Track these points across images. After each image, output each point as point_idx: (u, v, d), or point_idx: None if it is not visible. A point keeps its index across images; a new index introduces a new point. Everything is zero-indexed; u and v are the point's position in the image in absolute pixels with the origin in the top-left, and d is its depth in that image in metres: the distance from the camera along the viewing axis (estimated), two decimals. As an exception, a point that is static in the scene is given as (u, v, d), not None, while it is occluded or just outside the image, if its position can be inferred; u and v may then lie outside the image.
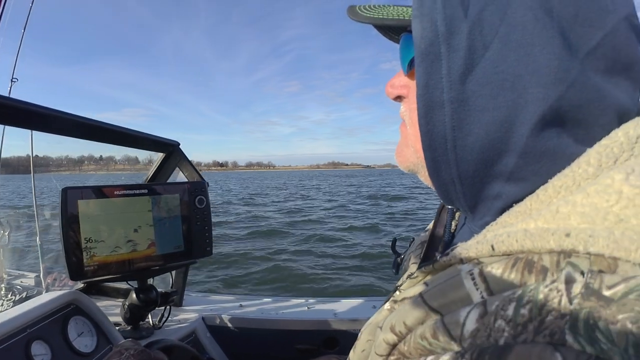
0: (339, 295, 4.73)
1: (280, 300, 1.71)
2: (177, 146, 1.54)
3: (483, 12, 0.37)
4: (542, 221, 0.34)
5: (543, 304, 0.29)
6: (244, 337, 1.52)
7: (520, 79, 0.36)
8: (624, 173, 0.31)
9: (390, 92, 0.50)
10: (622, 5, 0.38)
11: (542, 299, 0.29)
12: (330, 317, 1.50)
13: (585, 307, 0.27)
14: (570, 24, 0.36)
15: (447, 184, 0.43)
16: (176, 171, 1.58)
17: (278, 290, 5.38)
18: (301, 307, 1.62)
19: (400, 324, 0.39)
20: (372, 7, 0.50)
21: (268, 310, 1.59)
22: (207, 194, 1.31)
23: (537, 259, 0.33)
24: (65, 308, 1.09)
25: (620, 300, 0.27)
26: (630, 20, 0.38)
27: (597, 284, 0.28)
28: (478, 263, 0.37)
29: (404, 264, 0.67)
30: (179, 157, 1.56)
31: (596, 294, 0.27)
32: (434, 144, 0.41)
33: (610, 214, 0.31)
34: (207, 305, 1.64)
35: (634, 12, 0.39)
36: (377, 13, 0.48)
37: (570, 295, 0.28)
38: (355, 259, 6.89)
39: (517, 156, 0.38)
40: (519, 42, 0.36)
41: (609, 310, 0.26)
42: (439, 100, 0.39)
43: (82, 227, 1.07)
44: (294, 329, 1.50)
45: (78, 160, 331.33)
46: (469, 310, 0.33)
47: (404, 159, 0.51)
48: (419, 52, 0.40)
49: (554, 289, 0.29)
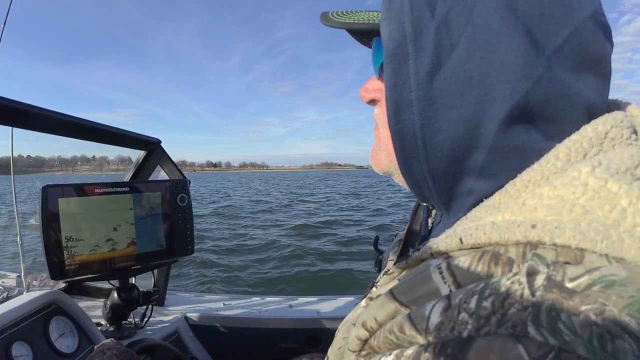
0: (321, 293, 4.77)
1: (263, 299, 1.73)
2: (158, 144, 1.55)
3: (449, 12, 0.38)
4: (509, 214, 0.35)
5: (505, 297, 0.29)
6: (227, 337, 1.53)
7: (487, 76, 0.37)
8: (591, 166, 0.32)
9: (363, 96, 0.52)
10: (588, 3, 0.39)
11: (504, 291, 0.29)
12: (313, 316, 1.52)
13: (548, 299, 0.27)
14: (536, 22, 0.37)
15: (419, 182, 0.44)
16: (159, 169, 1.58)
17: (261, 289, 5.38)
18: (284, 306, 1.64)
19: (371, 320, 0.40)
20: (344, 13, 0.52)
21: (251, 310, 1.60)
22: (188, 192, 1.32)
23: (503, 251, 0.34)
24: (46, 308, 1.09)
25: (583, 292, 0.27)
26: (597, 17, 0.39)
27: (560, 276, 0.28)
28: (447, 257, 0.38)
29: (384, 261, 0.69)
30: (160, 155, 1.56)
31: (559, 286, 0.28)
32: (404, 142, 0.42)
33: (577, 205, 0.32)
34: (189, 304, 1.65)
35: (600, 10, 0.40)
36: (349, 18, 0.50)
37: (532, 288, 0.28)
38: (339, 257, 6.93)
39: (486, 152, 0.39)
40: (484, 41, 0.37)
41: (571, 302, 0.27)
42: (408, 99, 0.40)
43: (63, 225, 1.06)
44: (277, 327, 1.51)
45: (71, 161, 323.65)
46: (434, 303, 0.33)
47: (378, 161, 0.52)
48: (387, 53, 0.41)
49: (515, 282, 0.29)
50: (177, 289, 1.87)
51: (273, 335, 1.51)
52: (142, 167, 1.57)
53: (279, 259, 6.87)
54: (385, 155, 0.49)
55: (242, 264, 6.50)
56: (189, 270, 5.98)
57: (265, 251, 7.53)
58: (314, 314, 1.54)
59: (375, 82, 0.50)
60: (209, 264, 6.46)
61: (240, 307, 1.62)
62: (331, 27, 0.50)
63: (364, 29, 0.49)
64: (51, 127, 1.15)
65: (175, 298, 1.72)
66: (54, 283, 1.37)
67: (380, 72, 0.48)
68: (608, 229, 0.30)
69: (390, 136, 0.43)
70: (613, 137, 0.37)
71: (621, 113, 0.39)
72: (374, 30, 0.47)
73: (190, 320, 1.54)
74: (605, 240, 0.30)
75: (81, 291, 1.56)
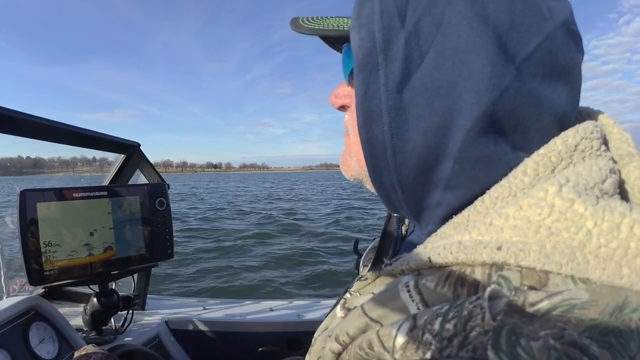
0: (302, 296, 4.78)
1: (243, 303, 1.75)
2: (137, 147, 1.56)
3: (419, 22, 0.38)
4: (476, 233, 0.36)
5: (467, 320, 0.30)
6: (208, 341, 1.55)
7: (455, 86, 0.37)
8: (557, 185, 0.33)
9: (334, 102, 0.52)
10: (559, 12, 0.39)
11: (466, 314, 0.30)
12: (294, 319, 1.55)
13: (508, 324, 0.28)
14: (505, 30, 0.37)
15: (389, 191, 0.45)
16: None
17: (241, 292, 5.39)
18: (265, 309, 1.66)
19: (343, 334, 0.41)
20: (315, 19, 0.52)
21: (232, 313, 1.62)
22: (167, 196, 1.33)
23: (469, 271, 0.35)
24: (25, 314, 1.09)
25: (543, 316, 0.28)
26: (568, 26, 0.39)
27: (521, 301, 0.29)
28: (417, 274, 0.38)
29: (361, 266, 0.70)
30: (139, 159, 1.57)
31: (519, 311, 0.29)
32: (374, 151, 0.43)
33: (542, 227, 0.32)
34: (170, 308, 1.66)
35: (571, 19, 0.40)
36: (318, 24, 0.50)
37: (493, 312, 0.29)
38: (318, 260, 6.98)
39: (453, 162, 0.39)
40: (453, 50, 0.37)
41: (531, 327, 0.28)
42: (377, 109, 0.41)
43: (42, 230, 1.06)
44: (258, 331, 1.54)
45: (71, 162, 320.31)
46: (401, 323, 0.34)
47: (348, 168, 0.52)
48: (357, 63, 0.41)
49: (477, 306, 0.30)
50: (157, 293, 1.87)
51: (254, 338, 1.53)
52: (121, 171, 1.58)
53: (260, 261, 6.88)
54: (355, 162, 0.50)
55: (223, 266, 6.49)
56: (170, 274, 5.96)
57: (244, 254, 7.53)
58: (294, 317, 1.56)
59: (345, 88, 0.51)
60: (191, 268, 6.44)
61: (221, 311, 1.64)
62: (300, 33, 0.51)
63: (334, 36, 0.50)
64: (25, 131, 1.15)
65: (156, 302, 1.73)
66: (33, 288, 1.37)
67: (350, 78, 0.48)
68: (574, 251, 0.31)
69: (361, 145, 0.44)
70: (583, 149, 0.38)
71: (592, 123, 0.39)
72: (344, 37, 0.47)
73: (171, 324, 1.55)
74: (570, 262, 0.30)
75: (61, 296, 1.56)
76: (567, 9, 0.40)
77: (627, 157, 0.39)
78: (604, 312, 0.28)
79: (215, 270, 6.33)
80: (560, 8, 0.39)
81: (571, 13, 0.40)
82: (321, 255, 7.28)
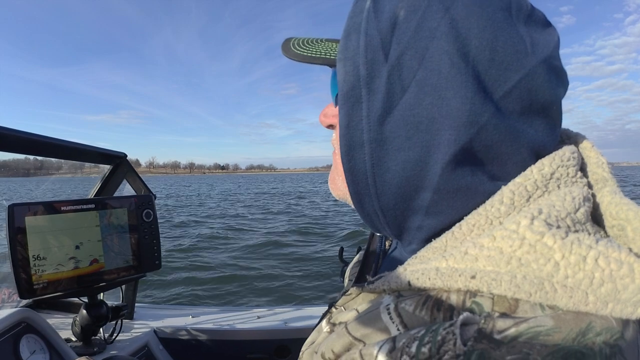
0: (289, 304, 4.80)
1: (231, 311, 1.78)
2: (124, 158, 1.58)
3: (402, 56, 0.39)
4: (452, 261, 0.38)
5: (440, 345, 0.32)
6: (197, 349, 1.58)
7: (434, 122, 0.39)
8: (529, 218, 0.35)
9: (322, 121, 0.54)
10: (543, 46, 0.40)
11: (440, 339, 0.32)
12: (281, 327, 1.59)
13: (477, 349, 0.31)
14: (485, 67, 0.38)
15: (371, 215, 0.47)
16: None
17: (229, 301, 5.42)
18: (252, 317, 1.70)
19: (329, 351, 0.42)
20: (306, 43, 0.54)
21: (219, 321, 1.66)
22: (154, 207, 1.36)
23: (445, 297, 0.37)
24: (16, 327, 1.11)
25: (509, 342, 0.30)
26: (550, 62, 0.40)
27: (490, 328, 0.32)
28: (398, 296, 0.41)
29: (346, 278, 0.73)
30: (126, 169, 1.60)
31: (488, 337, 0.31)
32: (356, 179, 0.44)
33: (514, 258, 0.34)
34: (158, 318, 1.69)
35: (554, 54, 0.41)
36: (308, 50, 0.52)
37: (464, 338, 0.31)
38: (305, 267, 7.02)
39: (432, 192, 0.41)
40: (434, 86, 0.38)
41: (498, 352, 0.30)
42: (359, 140, 0.42)
43: (30, 244, 1.09)
44: (246, 339, 1.57)
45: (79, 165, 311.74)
46: (381, 344, 0.35)
47: (335, 187, 0.54)
48: (341, 95, 0.43)
49: (450, 332, 0.32)
50: (146, 303, 1.90)
51: (242, 346, 1.57)
52: (108, 182, 1.60)
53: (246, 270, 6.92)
54: (341, 181, 0.50)
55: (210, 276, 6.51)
56: (158, 284, 5.96)
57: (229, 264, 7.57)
58: (281, 324, 1.60)
59: (333, 109, 0.52)
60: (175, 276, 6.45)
61: (209, 320, 1.68)
62: (291, 59, 0.53)
63: (321, 64, 0.51)
64: (8, 146, 1.16)
65: (144, 312, 1.75)
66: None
67: (336, 102, 0.49)
68: (542, 281, 0.33)
69: (344, 173, 0.46)
70: (559, 177, 0.40)
71: (569, 149, 0.41)
72: (331, 64, 0.49)
73: (160, 333, 1.58)
74: (539, 291, 0.33)
75: (50, 306, 1.58)
76: (552, 42, 0.41)
77: (602, 182, 0.41)
78: (567, 338, 0.31)
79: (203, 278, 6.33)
80: (545, 41, 0.40)
81: (556, 46, 0.42)
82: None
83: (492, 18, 0.38)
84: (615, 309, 0.32)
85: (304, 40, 0.55)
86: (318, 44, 0.53)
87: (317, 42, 0.54)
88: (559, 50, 0.42)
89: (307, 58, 0.51)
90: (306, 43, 0.54)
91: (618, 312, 0.32)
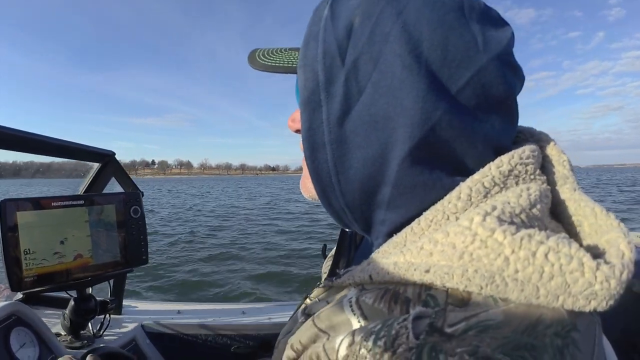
0: (273, 299, 4.84)
1: (217, 306, 1.85)
2: (112, 156, 1.62)
3: (358, 60, 0.42)
4: (409, 255, 0.39)
5: (394, 338, 0.33)
6: (183, 343, 1.63)
7: (390, 120, 0.41)
8: (482, 215, 0.36)
9: (291, 126, 0.56)
10: (496, 43, 0.42)
11: (394, 333, 0.34)
12: (266, 322, 1.65)
13: (429, 342, 0.32)
14: (438, 66, 0.40)
15: (338, 212, 0.49)
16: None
17: (215, 296, 5.48)
18: (237, 312, 1.76)
19: (297, 342, 0.44)
20: (269, 54, 0.57)
21: (205, 316, 1.71)
22: (141, 204, 1.41)
23: (402, 290, 0.39)
24: (6, 319, 1.15)
25: (460, 336, 0.32)
26: (503, 58, 0.42)
27: (441, 322, 0.33)
28: (361, 289, 0.43)
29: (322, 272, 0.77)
30: (114, 167, 1.64)
31: (439, 331, 0.33)
32: (320, 178, 0.47)
33: (466, 253, 0.35)
34: (146, 312, 1.74)
35: (508, 49, 0.43)
36: (271, 60, 0.55)
37: (416, 332, 0.33)
38: (289, 262, 7.14)
39: (391, 187, 0.43)
40: (388, 87, 0.41)
41: (449, 345, 0.32)
42: (321, 141, 0.45)
43: (22, 238, 1.13)
44: (232, 333, 1.62)
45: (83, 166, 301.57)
46: (342, 338, 0.37)
47: (306, 189, 0.56)
48: (302, 100, 0.46)
49: (403, 326, 0.34)
50: (133, 298, 1.94)
51: (228, 341, 1.62)
52: (97, 179, 1.64)
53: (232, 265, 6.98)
54: (310, 182, 0.52)
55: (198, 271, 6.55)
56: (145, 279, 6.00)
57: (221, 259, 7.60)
58: (266, 319, 1.66)
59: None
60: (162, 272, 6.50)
61: (195, 315, 1.73)
62: (256, 69, 0.56)
63: (284, 73, 0.54)
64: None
65: (132, 307, 1.80)
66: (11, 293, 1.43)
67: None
68: (493, 275, 0.34)
69: (309, 174, 0.49)
70: (517, 174, 0.41)
71: (529, 148, 0.43)
72: (293, 71, 0.52)
73: (147, 327, 1.62)
74: (489, 285, 0.34)
75: (40, 301, 1.61)
76: (505, 39, 0.43)
77: (562, 179, 0.44)
78: (517, 330, 0.32)
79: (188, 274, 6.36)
80: (499, 38, 0.42)
81: (509, 43, 0.43)
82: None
83: (442, 19, 0.41)
84: (567, 301, 0.33)
85: (269, 51, 0.58)
86: (281, 54, 0.57)
87: (281, 51, 0.58)
88: (513, 46, 0.44)
89: (270, 67, 0.55)
90: (270, 53, 0.58)
91: (570, 304, 0.33)
